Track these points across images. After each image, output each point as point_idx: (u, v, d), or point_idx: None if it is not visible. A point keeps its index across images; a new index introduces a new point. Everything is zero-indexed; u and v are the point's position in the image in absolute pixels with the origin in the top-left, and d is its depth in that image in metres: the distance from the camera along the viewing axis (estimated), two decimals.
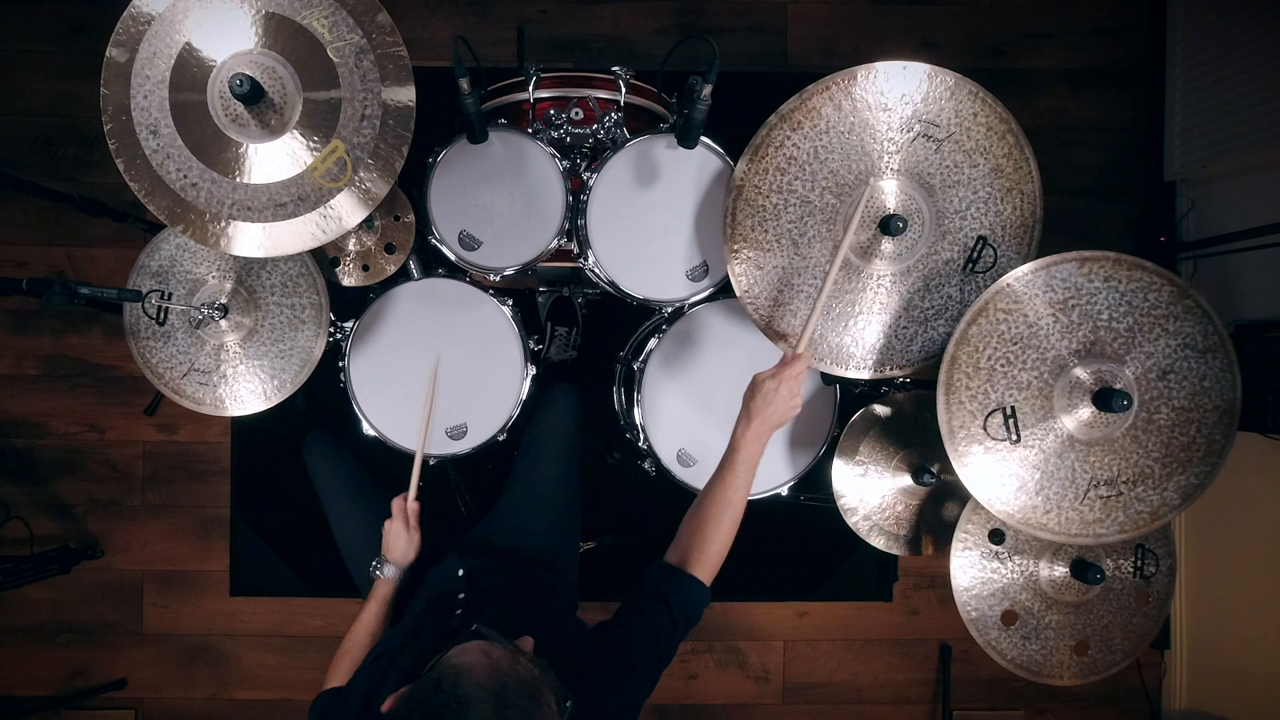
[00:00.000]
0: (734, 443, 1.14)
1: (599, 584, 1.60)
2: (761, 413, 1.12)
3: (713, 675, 2.20)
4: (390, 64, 1.21)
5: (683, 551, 1.12)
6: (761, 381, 1.14)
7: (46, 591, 2.09)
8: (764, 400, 1.12)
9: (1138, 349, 1.25)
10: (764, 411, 1.12)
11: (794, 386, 1.13)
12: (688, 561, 1.11)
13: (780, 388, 1.12)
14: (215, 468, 2.15)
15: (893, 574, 2.19)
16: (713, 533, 1.12)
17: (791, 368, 1.14)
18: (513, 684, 0.82)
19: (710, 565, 1.12)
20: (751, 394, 1.14)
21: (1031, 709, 2.24)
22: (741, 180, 1.33)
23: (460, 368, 1.55)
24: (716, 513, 1.12)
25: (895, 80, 1.28)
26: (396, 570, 1.32)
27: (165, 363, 1.55)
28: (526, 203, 1.47)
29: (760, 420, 1.12)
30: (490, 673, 0.82)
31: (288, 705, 2.18)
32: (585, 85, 1.51)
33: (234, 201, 1.23)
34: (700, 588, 1.10)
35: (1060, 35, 2.22)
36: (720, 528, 1.12)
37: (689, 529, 1.14)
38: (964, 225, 1.33)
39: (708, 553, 1.11)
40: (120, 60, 1.19)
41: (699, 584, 1.10)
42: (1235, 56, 1.93)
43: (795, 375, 1.13)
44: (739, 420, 1.15)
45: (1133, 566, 1.48)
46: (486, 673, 0.82)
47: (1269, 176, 1.90)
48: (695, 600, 1.09)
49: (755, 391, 1.14)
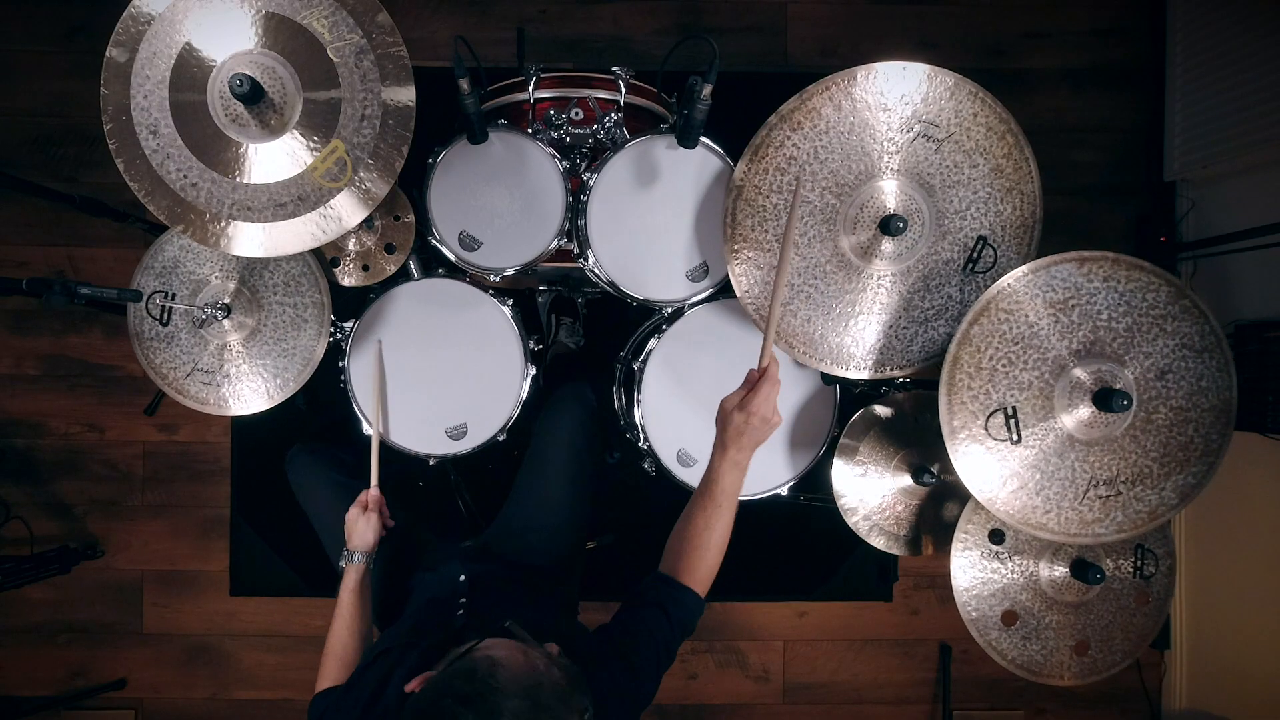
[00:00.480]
0: (711, 474, 1.09)
1: (599, 584, 1.60)
2: (736, 442, 1.06)
3: (713, 675, 2.20)
4: (390, 64, 1.21)
5: (672, 568, 1.11)
6: (730, 412, 1.06)
7: (46, 591, 2.09)
8: (735, 432, 1.06)
9: (1136, 349, 1.25)
10: (739, 440, 1.06)
11: (765, 411, 1.05)
12: (680, 576, 1.10)
13: (752, 415, 1.05)
14: (215, 468, 2.15)
15: (893, 574, 2.18)
16: (700, 557, 1.09)
17: (756, 395, 1.05)
18: (548, 686, 0.82)
19: (703, 582, 1.10)
20: (722, 425, 1.08)
21: (1031, 709, 2.24)
22: (741, 180, 1.33)
23: (460, 368, 1.55)
24: (702, 543, 1.09)
25: (895, 80, 1.28)
26: (361, 557, 1.32)
27: (169, 363, 1.55)
28: (526, 203, 1.47)
29: (736, 449, 1.07)
30: (528, 670, 0.82)
31: (288, 705, 2.18)
32: (585, 85, 1.51)
33: (234, 201, 1.23)
34: (696, 599, 1.09)
35: (1060, 35, 2.22)
36: (707, 552, 1.09)
37: (676, 550, 1.11)
38: (964, 225, 1.33)
39: (699, 573, 1.09)
40: (120, 60, 1.19)
41: (695, 595, 1.09)
42: (1235, 56, 1.93)
43: (764, 398, 1.05)
44: (715, 450, 1.09)
45: (1132, 566, 1.48)
46: (523, 670, 0.82)
47: (1269, 176, 1.90)
48: (692, 611, 1.09)
49: (725, 422, 1.07)
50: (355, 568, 1.31)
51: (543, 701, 0.80)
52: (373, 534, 1.35)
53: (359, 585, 1.30)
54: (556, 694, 0.82)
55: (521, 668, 0.82)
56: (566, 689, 0.83)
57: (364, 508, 1.37)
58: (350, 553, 1.33)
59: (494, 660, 0.82)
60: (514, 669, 0.82)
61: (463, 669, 0.82)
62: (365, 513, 1.36)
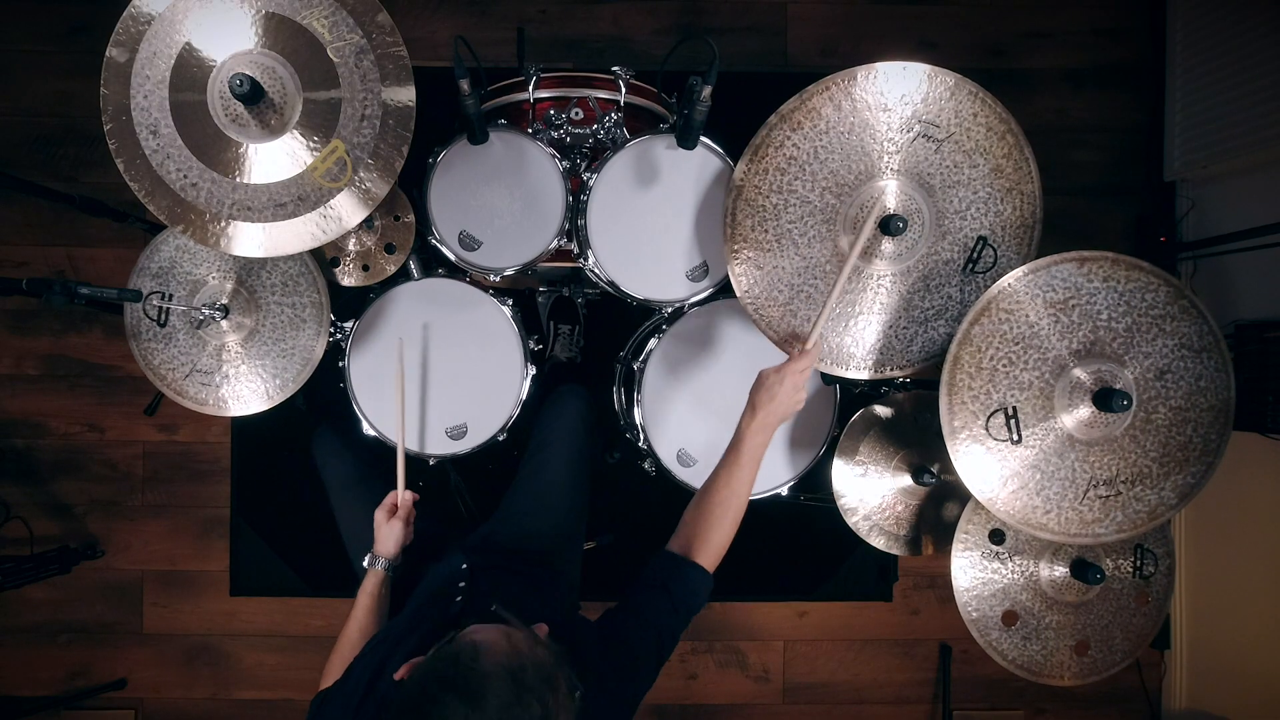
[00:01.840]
0: (739, 435, 1.17)
1: (599, 584, 1.60)
2: (767, 405, 1.15)
3: (713, 675, 2.20)
4: (390, 64, 1.21)
5: (686, 540, 1.14)
6: (766, 375, 1.17)
7: (46, 591, 2.09)
8: (769, 394, 1.15)
9: (1136, 349, 1.25)
10: (769, 405, 1.15)
11: (798, 381, 1.16)
12: (691, 550, 1.13)
13: (785, 381, 1.15)
14: (215, 468, 2.15)
15: (893, 574, 2.19)
16: (717, 523, 1.13)
17: (797, 363, 1.17)
18: (531, 666, 0.82)
19: (713, 554, 1.13)
20: (757, 388, 1.17)
21: (1031, 709, 2.24)
22: (741, 180, 1.33)
23: (460, 368, 1.55)
24: (721, 502, 1.14)
25: (895, 80, 1.28)
26: (384, 562, 1.32)
27: (167, 364, 1.55)
28: (526, 203, 1.47)
29: (765, 413, 1.15)
30: (510, 653, 0.83)
31: (288, 705, 2.18)
32: (585, 85, 1.51)
33: (234, 201, 1.23)
34: (703, 574, 1.12)
35: (1060, 35, 2.22)
36: (725, 518, 1.14)
37: (693, 518, 1.15)
38: (964, 225, 1.33)
39: (711, 543, 1.13)
40: (120, 60, 1.19)
41: (702, 570, 1.11)
42: (1235, 56, 1.93)
43: (800, 370, 1.16)
44: (744, 413, 1.17)
45: (1132, 566, 1.48)
46: (506, 652, 0.82)
47: (1269, 176, 1.91)
48: (698, 587, 1.11)
49: (760, 385, 1.17)
50: (375, 573, 1.31)
51: (526, 682, 0.81)
52: (395, 543, 1.33)
53: (377, 590, 1.29)
54: (540, 674, 0.82)
55: (504, 650, 0.83)
56: (551, 669, 0.84)
57: (390, 512, 1.35)
58: (375, 557, 1.32)
59: (477, 645, 0.83)
60: (497, 653, 0.82)
61: (447, 655, 0.83)
62: (391, 519, 1.35)
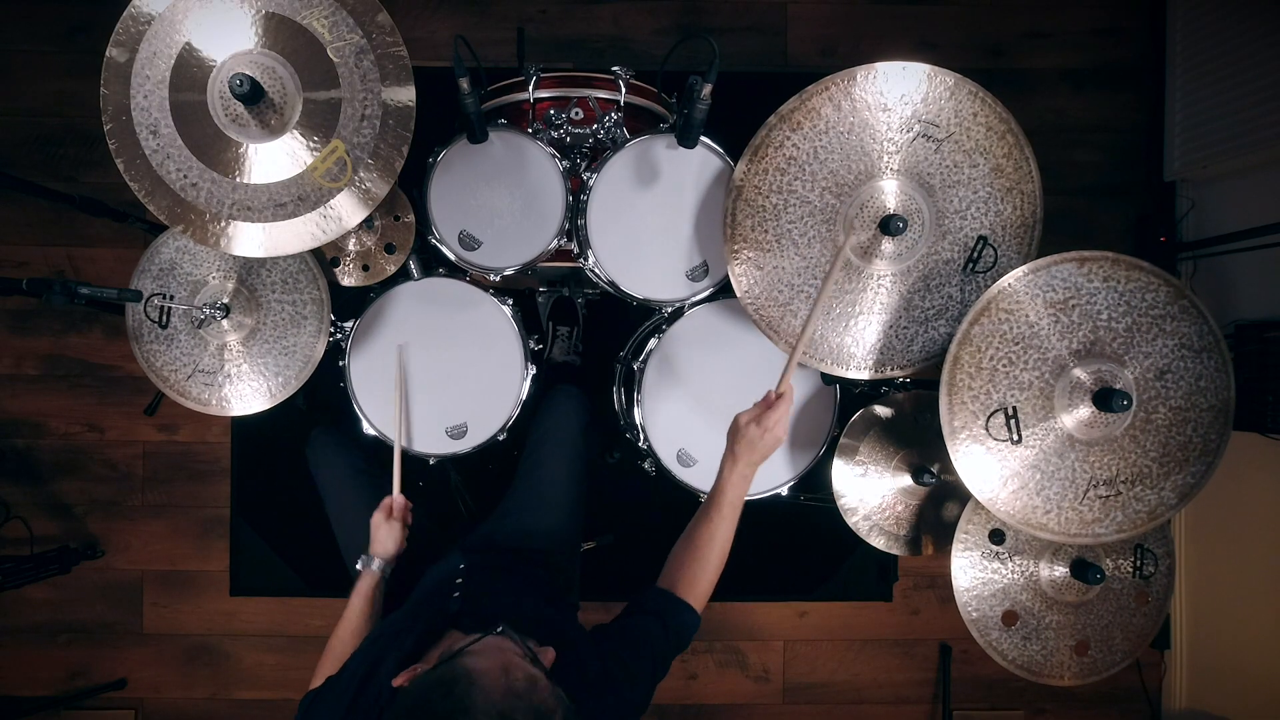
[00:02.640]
0: (720, 485, 1.15)
1: (599, 584, 1.60)
2: (748, 455, 1.13)
3: (713, 675, 2.20)
4: (390, 64, 1.21)
5: (672, 582, 1.14)
6: (744, 425, 1.13)
7: (46, 591, 2.09)
8: (749, 445, 1.13)
9: (1136, 349, 1.25)
10: (749, 454, 1.13)
11: (779, 433, 1.13)
12: (678, 590, 1.14)
13: (765, 435, 1.12)
14: (215, 468, 2.15)
15: (893, 574, 2.19)
16: (701, 568, 1.14)
17: (773, 412, 1.13)
18: (523, 712, 0.79)
19: (700, 597, 1.14)
20: (735, 437, 1.14)
21: (1031, 709, 2.24)
22: (741, 180, 1.33)
23: (460, 367, 1.55)
24: (704, 547, 1.14)
25: (895, 80, 1.28)
26: (380, 563, 1.32)
27: (169, 365, 1.55)
28: (526, 203, 1.47)
29: (746, 463, 1.13)
30: (505, 692, 0.80)
31: (288, 705, 2.17)
32: (585, 85, 1.51)
33: (234, 201, 1.23)
34: (694, 615, 1.13)
35: (1060, 35, 2.22)
36: (709, 564, 1.14)
37: (678, 562, 1.16)
38: (964, 225, 1.33)
39: (698, 587, 1.14)
40: (120, 60, 1.19)
41: (693, 611, 1.13)
42: (1235, 56, 1.93)
43: (778, 419, 1.12)
44: (724, 461, 1.15)
45: (1132, 566, 1.48)
46: (500, 691, 0.80)
47: (1269, 176, 1.90)
48: (689, 626, 1.12)
49: (739, 436, 1.13)
50: (370, 573, 1.31)
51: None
52: (393, 544, 1.34)
53: (371, 592, 1.29)
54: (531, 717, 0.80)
55: (499, 688, 0.80)
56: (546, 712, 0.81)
57: (388, 513, 1.36)
58: (369, 558, 1.33)
59: (471, 674, 0.81)
60: (491, 690, 0.80)
61: (442, 680, 0.81)
62: (389, 520, 1.36)
